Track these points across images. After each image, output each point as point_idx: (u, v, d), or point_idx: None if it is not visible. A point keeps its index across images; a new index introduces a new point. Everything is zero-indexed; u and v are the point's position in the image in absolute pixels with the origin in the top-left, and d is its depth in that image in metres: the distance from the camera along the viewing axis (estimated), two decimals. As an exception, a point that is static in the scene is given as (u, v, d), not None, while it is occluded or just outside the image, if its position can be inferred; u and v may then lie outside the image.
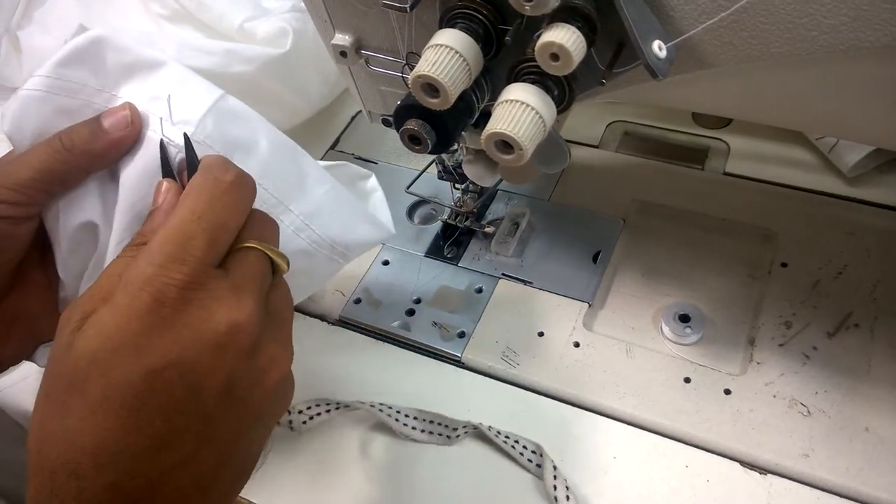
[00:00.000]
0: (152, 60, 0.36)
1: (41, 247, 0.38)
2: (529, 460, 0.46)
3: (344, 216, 0.41)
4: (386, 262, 0.59)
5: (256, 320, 0.30)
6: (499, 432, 0.47)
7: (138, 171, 0.35)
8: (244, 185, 0.32)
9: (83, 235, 0.37)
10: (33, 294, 0.38)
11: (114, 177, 0.36)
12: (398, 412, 0.48)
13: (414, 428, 0.48)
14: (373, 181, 0.48)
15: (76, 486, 0.26)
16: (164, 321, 0.28)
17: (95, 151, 0.34)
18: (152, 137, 0.35)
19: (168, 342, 0.28)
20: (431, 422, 0.48)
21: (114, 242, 0.35)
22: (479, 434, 0.47)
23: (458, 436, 0.47)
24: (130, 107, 0.35)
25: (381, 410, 0.48)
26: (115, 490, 0.27)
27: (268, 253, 0.33)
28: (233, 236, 0.31)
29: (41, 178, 0.34)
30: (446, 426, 0.48)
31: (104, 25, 0.61)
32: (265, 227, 0.34)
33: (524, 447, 0.46)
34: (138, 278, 0.28)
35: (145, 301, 0.28)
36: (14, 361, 0.39)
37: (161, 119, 0.35)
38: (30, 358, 0.39)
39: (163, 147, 0.34)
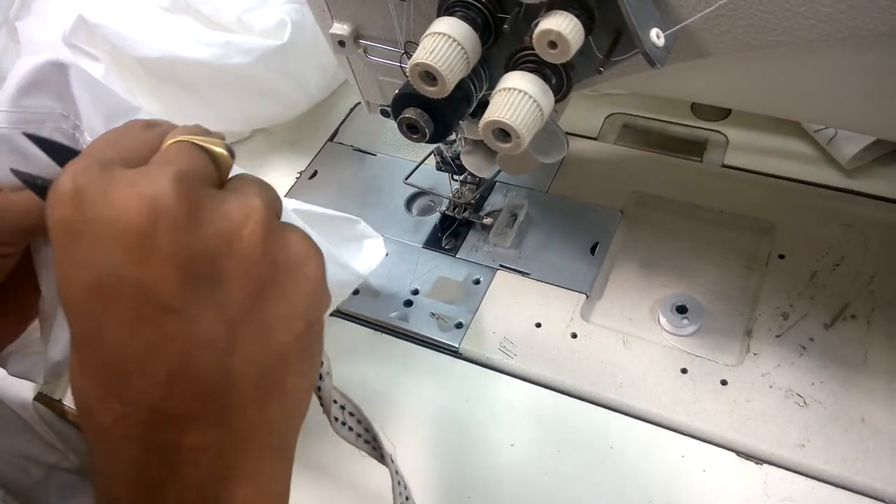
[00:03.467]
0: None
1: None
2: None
3: None
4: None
5: (177, 186, 0.24)
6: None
7: None
8: (134, 122, 0.29)
9: None
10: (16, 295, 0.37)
11: None
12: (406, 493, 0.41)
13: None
14: (379, 243, 0.45)
15: (92, 426, 0.25)
16: (74, 228, 0.24)
17: None
18: None
19: (87, 247, 0.24)
20: None
21: None
22: None
23: None
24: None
25: (398, 480, 0.40)
26: (123, 420, 0.24)
27: (196, 142, 0.27)
28: (140, 146, 0.28)
29: (24, 226, 0.33)
30: None
31: (102, 16, 0.61)
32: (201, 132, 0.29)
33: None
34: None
35: (56, 213, 0.24)
36: None
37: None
38: None
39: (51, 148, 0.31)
